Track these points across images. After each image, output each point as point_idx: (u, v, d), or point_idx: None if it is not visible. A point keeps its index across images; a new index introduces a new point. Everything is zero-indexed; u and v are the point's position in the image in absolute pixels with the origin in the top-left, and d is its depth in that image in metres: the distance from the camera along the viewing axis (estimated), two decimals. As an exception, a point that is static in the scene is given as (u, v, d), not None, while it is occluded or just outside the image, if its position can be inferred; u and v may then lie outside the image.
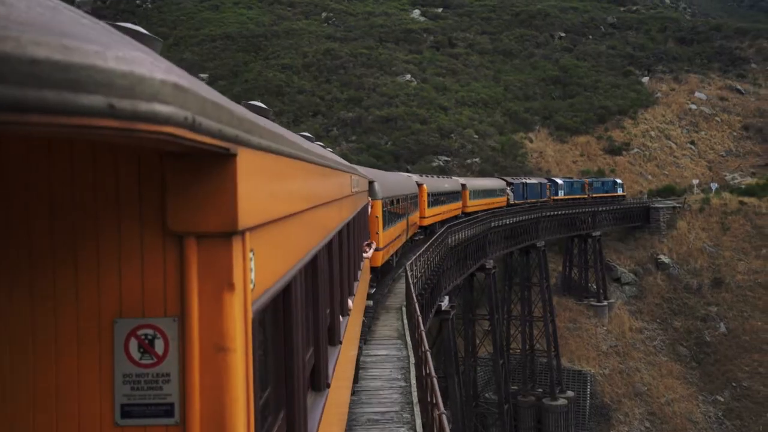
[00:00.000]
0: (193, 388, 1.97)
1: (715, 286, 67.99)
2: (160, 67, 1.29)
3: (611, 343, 60.56)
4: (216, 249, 1.98)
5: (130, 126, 1.20)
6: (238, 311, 2.02)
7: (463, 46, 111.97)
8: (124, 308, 2.03)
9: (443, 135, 79.86)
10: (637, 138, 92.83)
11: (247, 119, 2.05)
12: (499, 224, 43.71)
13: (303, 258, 3.66)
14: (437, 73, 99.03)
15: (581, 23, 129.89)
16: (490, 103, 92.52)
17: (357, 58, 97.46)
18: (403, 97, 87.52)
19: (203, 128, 1.50)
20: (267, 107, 4.02)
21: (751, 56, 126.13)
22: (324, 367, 5.13)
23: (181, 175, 1.93)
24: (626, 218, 71.27)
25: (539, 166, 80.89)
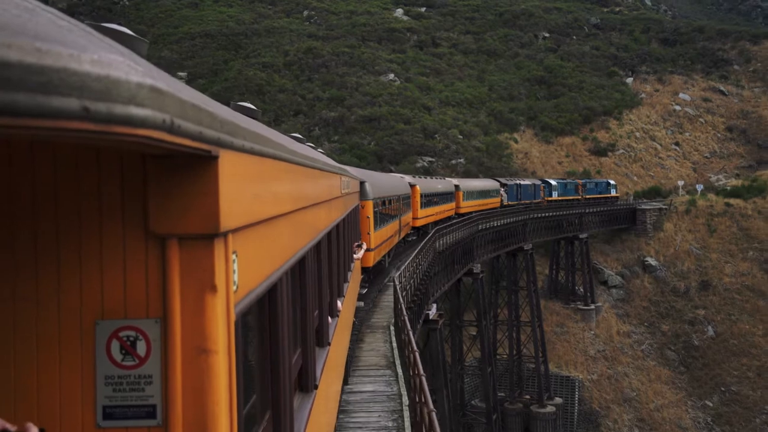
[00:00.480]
0: (175, 390, 1.96)
1: (703, 289, 67.16)
2: (137, 70, 1.29)
3: (599, 348, 59.41)
4: (198, 251, 1.97)
5: (105, 129, 1.20)
6: (220, 313, 2.01)
7: (446, 46, 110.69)
8: (105, 310, 2.02)
9: (427, 135, 78.40)
10: (623, 139, 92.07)
11: (230, 121, 2.02)
12: (486, 227, 42.31)
13: (289, 259, 3.62)
14: (421, 72, 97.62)
15: (565, 23, 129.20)
16: (474, 103, 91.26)
17: (339, 57, 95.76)
18: (386, 96, 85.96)
19: (182, 131, 1.50)
20: (256, 108, 3.97)
21: (733, 58, 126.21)
22: (312, 368, 5.09)
23: (163, 177, 1.92)
24: (613, 220, 70.27)
25: (524, 166, 79.71)
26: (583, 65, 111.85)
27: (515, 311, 51.73)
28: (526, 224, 51.90)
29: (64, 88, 1.09)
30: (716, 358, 60.94)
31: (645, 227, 72.64)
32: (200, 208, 1.95)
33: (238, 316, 2.27)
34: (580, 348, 58.63)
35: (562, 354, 57.43)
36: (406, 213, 30.14)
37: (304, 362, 4.92)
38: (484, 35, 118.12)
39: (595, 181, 76.79)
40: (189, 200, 1.94)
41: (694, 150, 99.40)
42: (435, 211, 37.86)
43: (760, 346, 61.58)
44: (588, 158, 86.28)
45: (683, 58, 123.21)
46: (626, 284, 67.61)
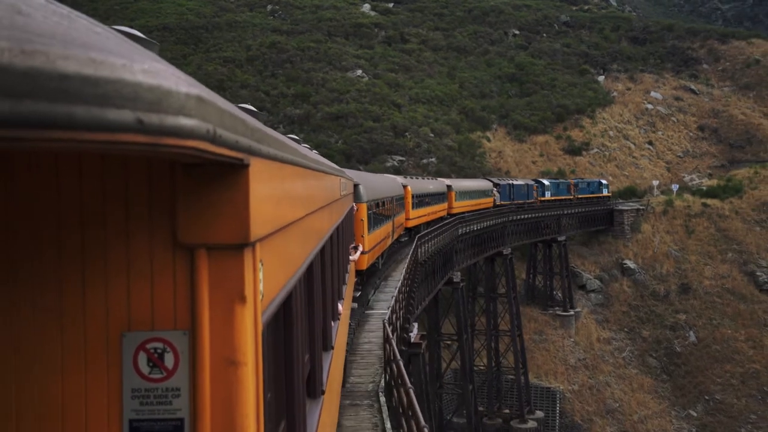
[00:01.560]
0: (204, 403, 1.94)
1: (683, 293, 64.95)
2: (183, 79, 1.28)
3: (579, 356, 56.62)
4: (227, 261, 1.95)
5: (157, 141, 1.19)
6: (249, 324, 1.99)
7: (415, 42, 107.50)
8: (132, 321, 1.98)
9: (397, 133, 74.97)
10: (597, 138, 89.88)
11: (258, 129, 2.03)
12: (466, 231, 39.15)
13: (302, 265, 3.58)
14: (389, 68, 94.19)
15: (535, 21, 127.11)
16: (445, 100, 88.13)
17: (304, 52, 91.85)
18: (354, 93, 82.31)
19: (222, 140, 1.50)
20: (257, 110, 3.93)
21: (702, 57, 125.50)
22: (319, 373, 5.08)
23: (192, 186, 1.90)
24: (590, 221, 67.70)
25: (498, 166, 76.80)
26: (555, 63, 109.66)
27: (493, 320, 48.62)
28: (506, 227, 48.80)
29: (119, 99, 1.07)
30: (699, 365, 58.65)
31: (623, 229, 70.25)
32: (230, 218, 1.90)
33: (264, 325, 2.24)
34: (560, 357, 55.77)
35: (542, 363, 54.48)
36: (398, 214, 30.05)
37: (313, 367, 4.83)
38: (453, 32, 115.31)
39: (588, 181, 75.28)
40: (219, 209, 1.90)
41: (668, 149, 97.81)
42: (427, 212, 37.33)
43: (742, 351, 59.47)
44: (562, 157, 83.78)
45: (653, 57, 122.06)
46: (605, 288, 65.06)
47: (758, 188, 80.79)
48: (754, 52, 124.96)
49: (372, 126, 74.54)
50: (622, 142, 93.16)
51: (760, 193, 79.10)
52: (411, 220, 33.86)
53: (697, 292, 64.82)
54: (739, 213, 75.02)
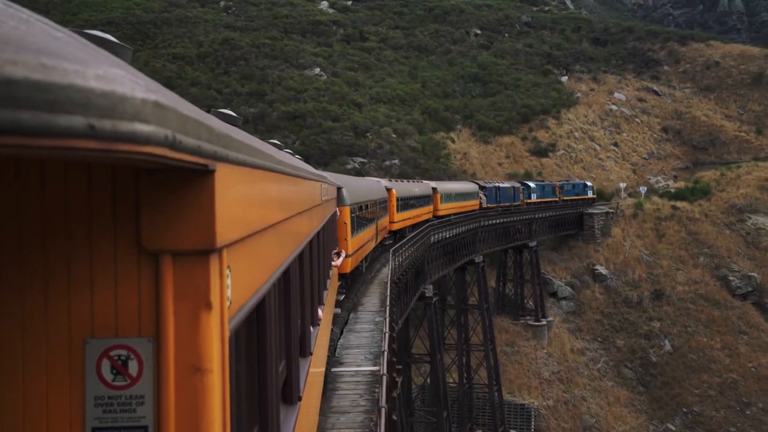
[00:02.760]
0: (168, 411, 1.91)
1: (656, 299, 62.58)
2: (141, 85, 1.27)
3: (553, 369, 53.54)
4: (193, 267, 1.93)
5: (110, 147, 1.17)
6: (215, 331, 1.97)
7: (375, 40, 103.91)
8: (96, 328, 1.94)
9: (358, 134, 71.13)
10: (563, 139, 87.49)
11: (225, 134, 2.02)
12: (438, 238, 35.59)
13: (277, 270, 3.57)
14: (349, 67, 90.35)
15: (496, 21, 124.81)
16: (407, 100, 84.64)
17: (259, 49, 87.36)
18: (312, 91, 78.21)
19: (183, 146, 1.48)
20: (237, 116, 3.86)
21: (663, 58, 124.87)
22: (296, 379, 4.99)
23: (156, 192, 1.89)
24: (560, 226, 64.92)
25: (464, 168, 73.55)
26: (518, 63, 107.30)
27: (464, 333, 45.14)
28: (476, 233, 45.39)
29: (70, 105, 1.06)
30: (675, 376, 56.18)
31: (593, 233, 67.69)
32: (196, 224, 1.89)
33: (231, 332, 2.20)
34: (533, 370, 52.60)
35: (514, 378, 51.24)
36: (383, 217, 29.92)
37: (289, 374, 4.76)
38: (414, 30, 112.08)
39: (573, 183, 74.14)
40: (184, 215, 1.88)
41: (633, 151, 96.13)
42: (412, 215, 37.05)
43: (719, 360, 57.25)
44: (529, 159, 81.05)
45: (615, 58, 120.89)
46: (576, 295, 62.28)
47: (726, 190, 79.33)
48: (713, 54, 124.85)
49: (331, 126, 70.59)
50: (588, 143, 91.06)
51: (728, 196, 77.58)
52: (395, 223, 33.60)
53: (671, 299, 62.54)
54: (708, 216, 73.24)
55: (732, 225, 73.13)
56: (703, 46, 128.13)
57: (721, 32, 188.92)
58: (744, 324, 61.34)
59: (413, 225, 37.55)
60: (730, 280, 65.47)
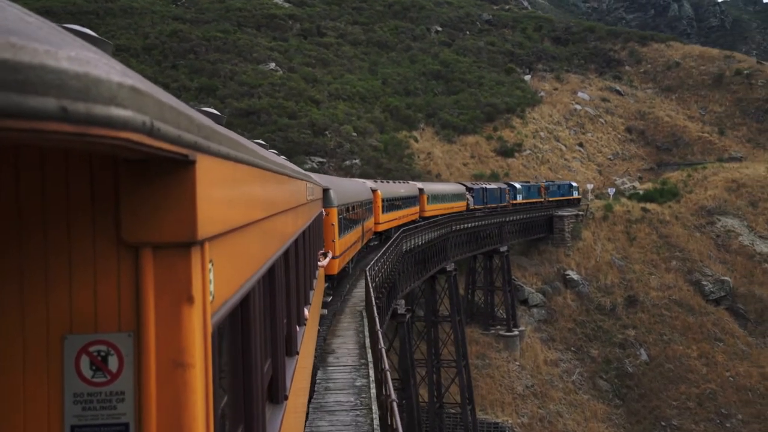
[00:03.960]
0: (149, 407, 1.87)
1: (630, 305, 59.87)
2: (116, 69, 1.24)
3: (527, 383, 50.14)
4: (174, 260, 1.88)
5: (84, 131, 1.13)
6: (197, 325, 1.93)
7: (333, 36, 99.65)
8: (74, 323, 1.89)
9: (316, 132, 66.82)
10: (528, 139, 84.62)
11: (207, 126, 1.98)
12: (411, 246, 31.71)
13: (261, 267, 3.52)
14: (306, 62, 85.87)
15: (457, 18, 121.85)
16: (367, 97, 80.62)
17: (210, 42, 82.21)
18: (266, 87, 73.54)
19: (162, 134, 1.44)
20: (220, 114, 3.81)
21: (624, 58, 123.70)
22: (282, 378, 4.93)
23: (136, 183, 1.84)
24: (530, 229, 61.70)
25: (428, 168, 69.87)
26: (480, 61, 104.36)
27: (435, 348, 41.36)
28: (448, 239, 41.64)
29: (41, 86, 1.02)
30: (653, 387, 53.40)
31: (563, 236, 64.70)
32: (176, 215, 1.85)
33: (214, 327, 2.16)
34: (506, 384, 49.11)
35: (486, 393, 47.66)
36: (368, 218, 29.60)
37: (275, 372, 4.71)
38: (373, 26, 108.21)
39: (558, 184, 73.43)
40: (164, 206, 1.84)
41: (598, 151, 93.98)
42: (398, 216, 36.58)
43: (696, 370, 54.72)
44: (494, 159, 77.83)
45: (577, 58, 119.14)
46: (548, 302, 59.12)
47: (694, 192, 77.49)
48: (673, 54, 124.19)
49: (287, 123, 66.13)
50: (554, 143, 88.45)
51: (696, 197, 75.71)
52: (381, 224, 32.92)
53: (645, 305, 59.91)
54: (679, 218, 71.12)
55: (702, 227, 71.16)
56: (663, 46, 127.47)
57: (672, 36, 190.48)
58: (719, 331, 59.08)
59: (399, 226, 36.78)
60: (703, 284, 63.26)
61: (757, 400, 53.24)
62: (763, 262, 68.53)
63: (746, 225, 72.68)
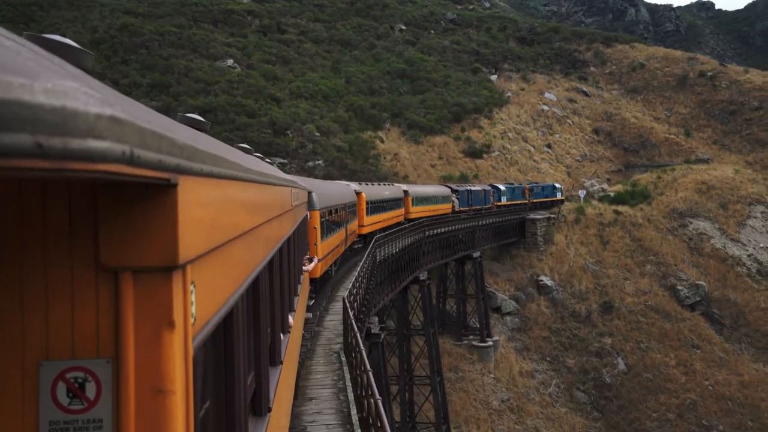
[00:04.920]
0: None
1: (605, 312, 57.65)
2: (95, 98, 1.19)
3: (502, 397, 47.34)
4: (154, 285, 1.85)
5: (60, 166, 1.10)
6: (178, 350, 1.89)
7: (294, 33, 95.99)
8: (51, 350, 1.84)
9: (277, 131, 63.20)
10: (497, 139, 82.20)
11: (189, 146, 1.91)
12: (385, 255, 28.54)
13: (245, 281, 3.44)
14: (266, 59, 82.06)
15: (422, 17, 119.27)
16: (331, 96, 77.20)
17: (164, 37, 77.82)
18: (224, 84, 69.62)
19: (142, 161, 1.40)
20: (204, 120, 3.71)
21: (589, 59, 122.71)
22: (265, 390, 4.80)
23: (115, 207, 1.81)
24: (501, 233, 59.03)
25: (395, 170, 66.78)
26: (446, 60, 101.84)
27: (407, 363, 38.23)
28: (421, 246, 38.58)
29: (16, 122, 0.99)
30: (632, 398, 51.14)
31: (535, 240, 62.25)
32: (157, 239, 1.81)
33: (196, 350, 2.11)
34: (480, 399, 46.23)
35: (461, 409, 44.71)
36: (352, 221, 29.13)
37: (258, 385, 4.54)
38: (335, 24, 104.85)
39: (542, 185, 72.73)
40: (145, 230, 1.81)
41: (566, 153, 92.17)
42: (382, 218, 36.30)
43: (675, 379, 52.68)
44: (463, 160, 75.13)
45: (543, 58, 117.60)
46: (522, 310, 56.51)
47: (664, 194, 76.05)
48: (637, 56, 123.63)
49: (246, 122, 62.37)
50: (522, 144, 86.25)
51: (668, 199, 74.24)
52: (365, 227, 32.30)
53: (620, 311, 57.76)
54: (651, 221, 69.41)
55: (675, 230, 69.59)
56: (628, 48, 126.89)
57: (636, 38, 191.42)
58: (696, 337, 57.27)
59: (384, 228, 36.04)
60: (678, 289, 61.48)
61: (737, 409, 51.42)
62: (736, 265, 67.25)
63: (717, 227, 71.42)
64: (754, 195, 77.35)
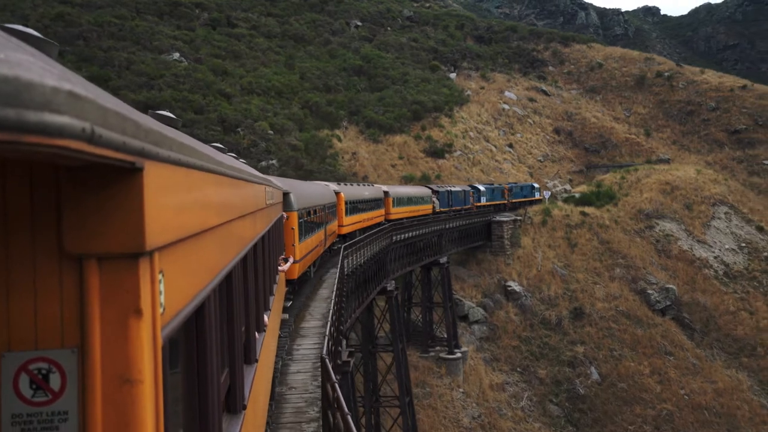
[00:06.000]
0: (95, 426, 1.77)
1: (576, 319, 54.99)
2: (53, 73, 1.16)
3: (473, 413, 44.06)
4: (120, 272, 1.80)
5: (15, 138, 1.06)
6: (146, 339, 1.84)
7: (245, 27, 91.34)
8: (12, 340, 1.79)
9: (227, 129, 58.80)
10: (458, 139, 79.20)
11: (155, 131, 1.89)
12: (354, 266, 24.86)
13: (217, 276, 3.41)
14: (215, 54, 77.36)
15: (378, 13, 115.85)
16: (284, 92, 72.99)
17: (103, 28, 72.45)
18: (169, 78, 64.80)
19: (104, 141, 1.37)
20: (176, 117, 3.74)
21: (548, 59, 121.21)
22: (240, 388, 4.74)
23: (79, 191, 1.75)
24: (468, 236, 55.87)
25: (353, 170, 63.05)
26: (404, 57, 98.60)
27: (373, 383, 34.58)
28: (388, 253, 34.96)
29: None
30: (606, 410, 48.48)
31: (502, 243, 59.29)
32: (123, 225, 1.76)
33: (165, 340, 2.07)
34: (450, 417, 42.83)
35: (429, 429, 41.23)
36: (331, 221, 29.11)
37: (232, 382, 4.47)
38: (288, 19, 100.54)
39: (521, 185, 72.26)
40: (110, 216, 1.75)
41: (528, 153, 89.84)
42: (362, 218, 36.06)
43: (650, 389, 50.26)
44: (424, 160, 71.83)
45: (501, 57, 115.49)
46: (489, 318, 53.40)
47: (630, 194, 74.23)
48: (595, 56, 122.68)
49: (194, 119, 57.78)
50: (484, 144, 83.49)
51: (633, 200, 72.39)
52: (344, 227, 32.09)
53: (591, 318, 55.19)
54: (618, 222, 67.30)
55: (642, 232, 67.65)
56: (585, 47, 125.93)
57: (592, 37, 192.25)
58: (668, 343, 55.09)
59: (364, 228, 35.89)
60: (649, 293, 59.33)
61: (714, 419, 49.28)
62: (703, 267, 65.66)
63: (684, 229, 69.83)
64: (717, 195, 76.20)
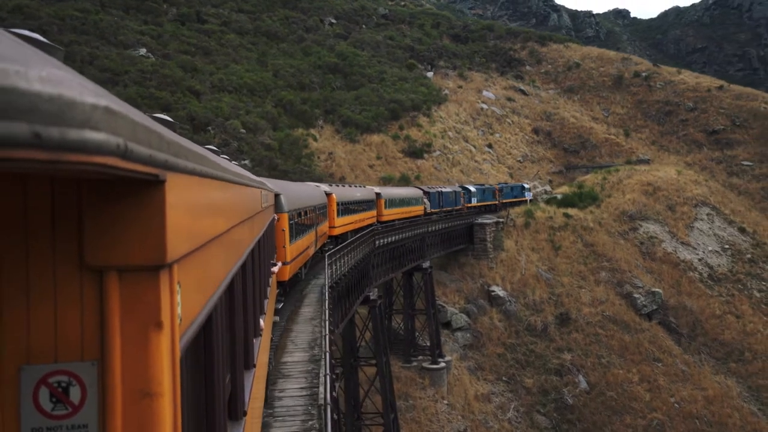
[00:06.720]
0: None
1: (562, 324, 53.04)
2: (89, 89, 1.16)
3: (458, 426, 41.76)
4: (141, 285, 1.79)
5: (58, 158, 1.05)
6: (165, 351, 1.83)
7: (216, 23, 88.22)
8: (32, 353, 1.76)
9: (197, 128, 55.84)
10: (437, 139, 77.01)
11: (175, 142, 1.89)
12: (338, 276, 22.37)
13: (223, 282, 3.39)
14: (184, 50, 74.20)
15: (352, 11, 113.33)
16: (257, 90, 70.13)
17: (65, 22, 68.90)
18: (135, 74, 61.59)
19: (135, 155, 1.37)
20: (173, 120, 3.67)
21: (525, 58, 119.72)
22: (241, 394, 4.70)
23: (101, 203, 1.74)
24: (450, 240, 53.61)
25: (330, 170, 60.46)
26: (380, 55, 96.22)
27: (354, 399, 32.07)
28: (370, 259, 32.47)
29: (12, 111, 0.94)
30: (596, 420, 46.54)
31: (485, 246, 57.15)
32: (145, 238, 1.76)
33: (182, 352, 2.07)
34: (435, 431, 40.41)
35: (414, 444, 38.79)
36: (322, 223, 28.82)
37: (234, 389, 4.44)
38: (261, 15, 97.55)
39: (511, 186, 71.63)
40: (132, 229, 1.75)
41: (507, 153, 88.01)
42: (354, 219, 35.69)
43: (640, 398, 48.46)
44: (403, 161, 69.49)
45: (478, 56, 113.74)
46: (473, 324, 51.19)
47: (612, 196, 72.75)
48: (572, 55, 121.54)
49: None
50: (463, 144, 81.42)
51: (616, 201, 70.90)
52: (336, 228, 31.71)
53: (578, 323, 53.29)
54: (602, 224, 65.66)
55: (626, 234, 66.10)
56: (562, 47, 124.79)
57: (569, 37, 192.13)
58: (656, 349, 53.41)
59: (355, 230, 35.66)
60: (635, 297, 57.65)
61: (706, 428, 47.64)
62: (688, 270, 64.32)
63: (667, 231, 68.46)
64: (699, 196, 75.09)
